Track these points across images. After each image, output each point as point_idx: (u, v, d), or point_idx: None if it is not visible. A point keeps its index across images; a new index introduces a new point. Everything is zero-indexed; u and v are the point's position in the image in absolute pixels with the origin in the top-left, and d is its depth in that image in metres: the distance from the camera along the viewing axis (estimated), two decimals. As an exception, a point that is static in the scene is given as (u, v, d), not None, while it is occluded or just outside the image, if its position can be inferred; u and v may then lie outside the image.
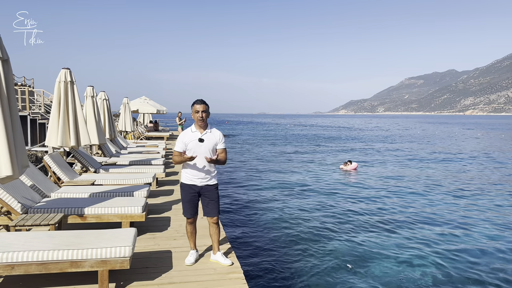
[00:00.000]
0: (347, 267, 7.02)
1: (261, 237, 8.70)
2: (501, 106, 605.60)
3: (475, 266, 7.16)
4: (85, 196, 6.05)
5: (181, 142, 4.25)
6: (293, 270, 6.94)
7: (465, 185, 15.17)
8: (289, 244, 8.23)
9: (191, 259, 4.39)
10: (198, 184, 4.31)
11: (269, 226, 9.45)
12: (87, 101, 10.48)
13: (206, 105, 4.24)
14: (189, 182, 4.32)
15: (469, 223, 9.93)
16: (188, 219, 4.40)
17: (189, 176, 4.31)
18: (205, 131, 4.26)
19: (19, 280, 3.83)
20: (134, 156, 11.44)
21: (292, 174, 17.82)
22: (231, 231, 9.01)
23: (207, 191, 4.35)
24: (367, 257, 7.50)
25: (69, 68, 7.81)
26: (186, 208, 4.35)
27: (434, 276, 6.70)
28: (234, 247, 7.81)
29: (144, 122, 33.54)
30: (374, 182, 15.70)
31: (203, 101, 4.24)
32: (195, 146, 4.21)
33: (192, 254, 4.45)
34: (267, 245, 8.21)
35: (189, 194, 4.32)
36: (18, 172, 3.85)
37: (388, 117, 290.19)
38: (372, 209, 11.17)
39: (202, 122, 4.21)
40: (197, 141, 4.19)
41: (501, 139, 43.75)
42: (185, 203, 4.35)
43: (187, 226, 4.47)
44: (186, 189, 4.34)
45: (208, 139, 4.24)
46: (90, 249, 3.58)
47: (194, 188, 4.32)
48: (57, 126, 7.66)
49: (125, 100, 19.55)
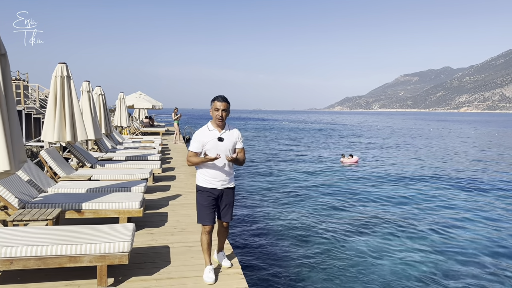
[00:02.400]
0: (348, 264, 7.02)
1: (259, 233, 8.73)
2: (495, 103, 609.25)
3: (483, 262, 7.22)
4: (82, 192, 6.04)
5: (197, 141, 3.85)
6: (291, 266, 6.97)
7: (472, 179, 15.26)
8: (288, 242, 8.26)
9: (211, 276, 3.83)
10: (218, 188, 3.91)
11: (268, 223, 9.48)
12: (83, 96, 10.43)
13: (228, 103, 3.82)
14: (209, 185, 3.89)
15: (473, 219, 9.96)
16: (205, 226, 3.89)
17: (209, 179, 3.89)
18: (223, 130, 3.90)
19: (17, 275, 3.83)
20: (130, 152, 11.42)
21: (291, 170, 17.76)
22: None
23: (226, 195, 3.98)
24: (370, 255, 7.50)
25: (65, 62, 7.76)
26: (205, 214, 3.88)
27: (439, 274, 6.71)
28: (232, 243, 7.84)
29: (140, 117, 33.41)
30: (376, 176, 15.71)
31: (225, 98, 3.83)
32: (214, 146, 3.83)
33: (210, 270, 3.90)
34: (265, 241, 8.24)
35: (209, 199, 3.89)
36: (15, 167, 3.84)
37: (384, 114, 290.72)
38: (374, 205, 11.16)
39: (221, 122, 3.83)
40: (216, 140, 3.84)
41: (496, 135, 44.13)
42: (203, 208, 3.89)
43: (203, 236, 3.93)
44: (205, 194, 3.90)
45: (227, 138, 3.88)
46: (89, 244, 3.58)
47: (214, 192, 3.91)
48: (53, 121, 7.62)
49: (120, 95, 19.47)
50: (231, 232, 8.78)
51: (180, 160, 13.01)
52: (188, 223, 5.82)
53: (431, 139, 38.63)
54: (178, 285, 3.75)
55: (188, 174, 10.28)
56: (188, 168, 11.12)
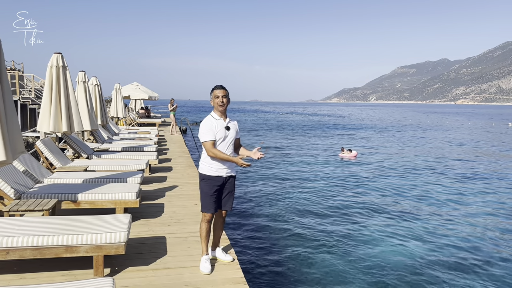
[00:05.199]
0: (347, 259, 7.00)
1: (256, 227, 8.77)
2: (492, 95, 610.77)
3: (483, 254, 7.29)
4: (78, 182, 6.03)
5: (209, 130, 3.86)
6: (289, 261, 7.01)
7: (472, 171, 15.34)
8: (285, 236, 8.25)
9: (208, 266, 3.90)
10: (223, 175, 3.94)
11: (265, 217, 9.46)
12: (79, 87, 10.36)
13: (226, 91, 3.94)
14: (215, 173, 3.91)
15: (473, 212, 10.01)
16: (207, 214, 3.93)
17: (214, 167, 3.91)
18: (227, 119, 3.99)
19: (13, 265, 3.84)
20: (127, 143, 11.39)
21: (289, 164, 17.60)
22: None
23: (229, 183, 4.02)
24: (370, 249, 7.47)
25: (61, 52, 7.70)
26: (209, 202, 3.91)
27: (441, 267, 6.75)
28: (228, 234, 7.87)
29: (136, 108, 33.26)
30: (374, 171, 15.67)
31: (223, 86, 3.95)
32: (223, 135, 3.90)
33: (206, 260, 3.97)
34: (262, 235, 8.29)
35: (214, 187, 3.91)
36: (11, 157, 3.83)
37: (381, 106, 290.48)
38: (374, 200, 11.11)
39: (223, 107, 3.89)
40: (224, 129, 3.91)
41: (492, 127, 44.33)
42: (208, 197, 3.91)
43: (203, 224, 3.96)
44: (211, 182, 3.92)
45: (232, 127, 4.00)
46: (85, 234, 3.59)
47: (219, 180, 3.94)
48: (49, 112, 7.58)
49: (116, 86, 19.35)
50: (229, 224, 8.82)
51: (176, 151, 13.00)
52: (184, 214, 5.84)
53: (432, 130, 38.80)
54: (174, 275, 3.78)
55: (185, 165, 10.28)
56: (184, 159, 11.12)
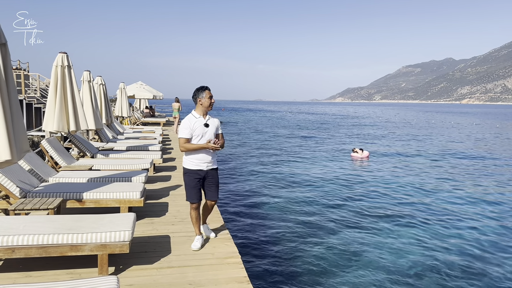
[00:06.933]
0: (353, 259, 6.93)
1: (262, 227, 8.74)
2: (497, 95, 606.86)
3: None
4: (83, 181, 6.06)
5: (187, 128, 4.34)
6: (294, 260, 7.00)
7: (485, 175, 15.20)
8: (291, 237, 8.16)
9: (197, 244, 4.44)
10: (204, 169, 4.44)
11: (272, 217, 9.33)
12: (84, 86, 10.42)
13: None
14: (195, 167, 4.42)
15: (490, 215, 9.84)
16: (193, 204, 4.46)
17: (195, 161, 4.41)
18: (207, 117, 4.48)
19: (19, 264, 3.87)
20: (131, 142, 11.43)
21: (299, 163, 17.33)
22: (229, 218, 9.07)
23: (211, 176, 4.51)
24: (378, 251, 7.35)
25: (66, 52, 7.74)
26: (192, 193, 4.43)
27: (450, 271, 6.67)
28: (232, 234, 7.88)
29: (140, 107, 33.38)
30: (387, 172, 15.30)
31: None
32: (202, 132, 4.36)
33: (198, 239, 4.50)
34: (267, 234, 8.28)
35: (195, 180, 4.42)
36: (17, 157, 3.85)
37: (386, 105, 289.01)
38: (387, 201, 10.91)
39: (211, 108, 4.45)
40: (203, 126, 4.37)
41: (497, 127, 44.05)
42: (190, 188, 4.43)
43: (192, 212, 4.51)
44: (192, 175, 4.42)
45: (211, 124, 4.47)
46: (90, 233, 3.61)
47: (200, 173, 4.43)
48: (54, 111, 7.63)
49: (121, 85, 19.42)
50: (231, 221, 8.83)
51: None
52: (188, 213, 5.85)
53: (440, 128, 38.60)
54: (178, 274, 3.79)
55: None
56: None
